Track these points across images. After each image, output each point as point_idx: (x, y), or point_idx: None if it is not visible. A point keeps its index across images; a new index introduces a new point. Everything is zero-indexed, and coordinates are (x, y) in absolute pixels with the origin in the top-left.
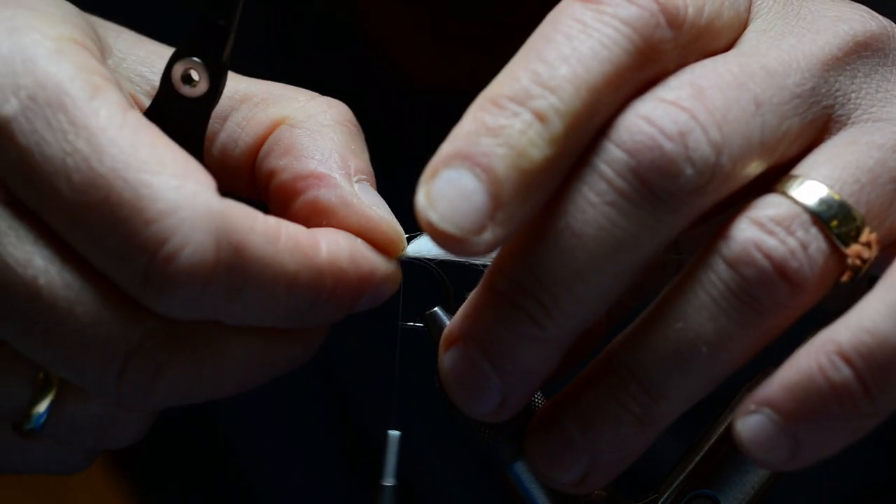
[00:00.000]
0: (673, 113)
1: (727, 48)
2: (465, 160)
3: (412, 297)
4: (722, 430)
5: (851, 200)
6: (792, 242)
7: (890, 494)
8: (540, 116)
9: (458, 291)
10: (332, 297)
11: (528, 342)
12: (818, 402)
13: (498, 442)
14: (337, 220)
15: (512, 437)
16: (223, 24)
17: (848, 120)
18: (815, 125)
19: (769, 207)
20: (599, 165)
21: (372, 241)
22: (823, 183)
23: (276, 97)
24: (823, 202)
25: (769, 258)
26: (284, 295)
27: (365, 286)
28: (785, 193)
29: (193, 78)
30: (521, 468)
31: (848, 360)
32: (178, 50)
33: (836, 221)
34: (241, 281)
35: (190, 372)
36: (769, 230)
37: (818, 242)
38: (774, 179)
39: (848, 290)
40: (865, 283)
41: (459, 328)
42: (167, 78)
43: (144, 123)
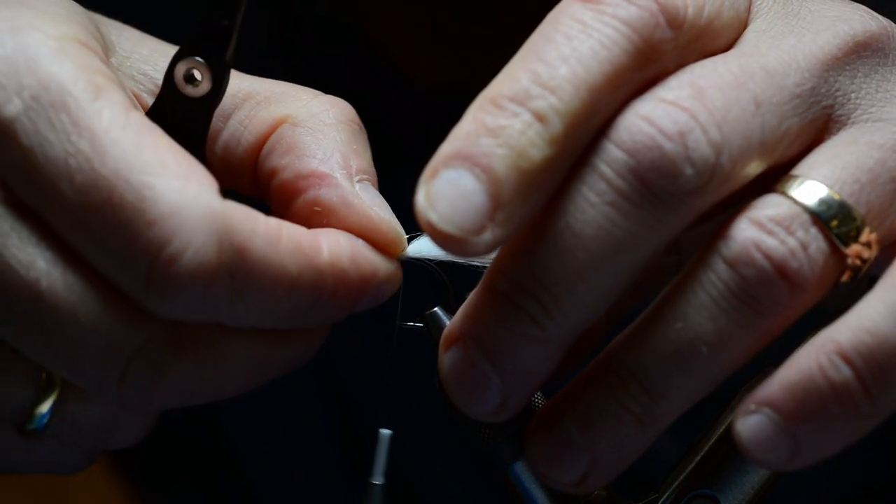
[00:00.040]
0: (673, 113)
1: (727, 48)
2: (464, 160)
3: (412, 297)
4: (722, 430)
5: (851, 200)
6: (792, 242)
7: (890, 494)
8: (540, 117)
9: (458, 291)
10: (333, 297)
11: (528, 342)
12: (818, 402)
13: (498, 442)
14: (338, 219)
15: (512, 437)
16: (226, 23)
17: (848, 120)
18: (814, 125)
19: (769, 207)
20: (599, 165)
21: (372, 241)
22: (823, 183)
23: (278, 95)
24: (823, 202)
25: (769, 258)
26: (286, 296)
27: (366, 287)
28: (785, 193)
29: (196, 78)
30: (521, 468)
31: (848, 360)
32: (180, 49)
33: (835, 221)
34: (242, 283)
35: (192, 374)
36: (769, 230)
37: (818, 242)
38: (774, 179)
39: (848, 290)
40: (865, 283)
41: (459, 328)
42: (170, 77)
43: (147, 124)
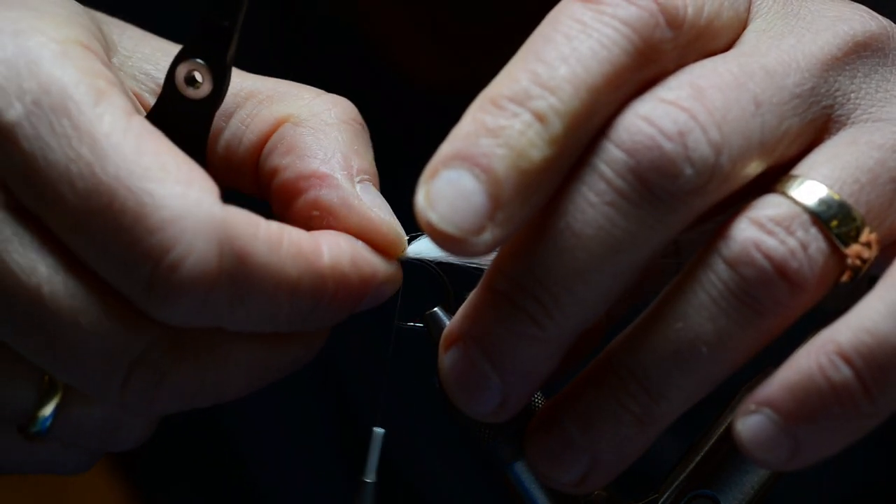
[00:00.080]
0: (672, 113)
1: (727, 48)
2: (464, 161)
3: (412, 297)
4: (722, 430)
5: (851, 200)
6: (792, 242)
7: (890, 494)
8: (539, 117)
9: (458, 291)
10: (333, 300)
11: (528, 342)
12: (818, 402)
13: (498, 442)
14: (338, 221)
15: (512, 437)
16: (227, 25)
17: (847, 120)
18: (814, 125)
19: (769, 207)
20: (599, 165)
21: (373, 242)
22: (823, 183)
23: (280, 94)
24: (823, 202)
25: (769, 258)
26: (287, 301)
27: (366, 289)
28: (785, 193)
29: (197, 79)
30: (521, 468)
31: (848, 360)
32: (181, 51)
33: (835, 221)
34: (243, 289)
35: (194, 379)
36: (769, 230)
37: (818, 242)
38: (774, 179)
39: (848, 290)
40: (865, 283)
41: (459, 328)
42: (171, 79)
43: (148, 129)
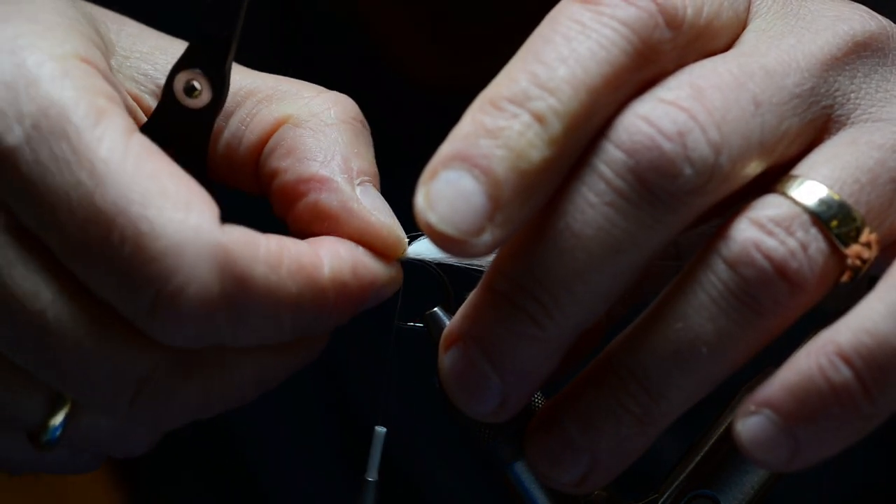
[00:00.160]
0: (672, 113)
1: (726, 48)
2: (464, 161)
3: (412, 297)
4: (722, 430)
5: (851, 201)
6: (792, 243)
7: (890, 495)
8: (539, 118)
9: (458, 292)
10: (335, 309)
11: (528, 342)
12: (818, 403)
13: (498, 442)
14: (338, 225)
15: (512, 437)
16: (225, 34)
17: (847, 120)
18: (814, 125)
19: (769, 208)
20: (598, 166)
21: (373, 246)
22: (823, 183)
23: (280, 93)
24: (823, 202)
25: (769, 259)
26: (289, 316)
27: (367, 295)
28: (785, 194)
29: (196, 88)
30: (521, 468)
31: (848, 360)
32: (179, 61)
33: (835, 222)
34: (245, 311)
35: (201, 393)
36: (769, 231)
37: (818, 243)
38: (774, 180)
39: (848, 290)
40: (865, 283)
41: (459, 328)
42: (169, 89)
43: (148, 148)
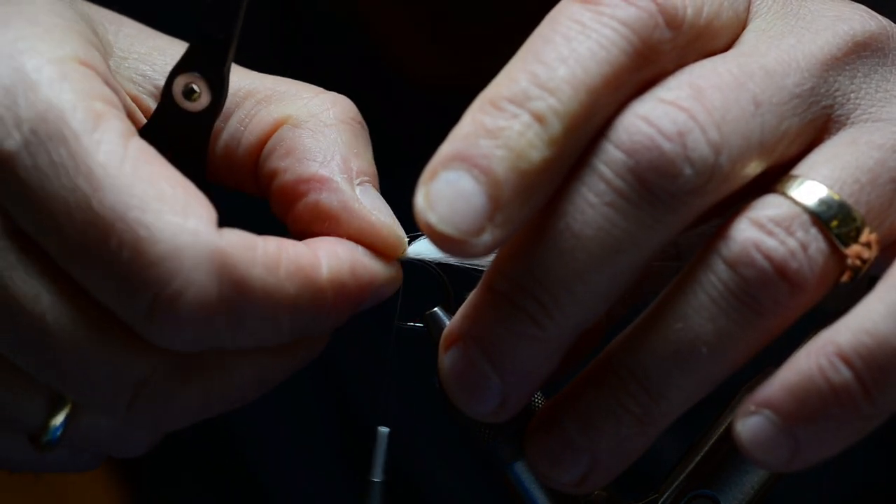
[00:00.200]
0: (672, 113)
1: (726, 48)
2: (464, 162)
3: (412, 297)
4: (722, 430)
5: (851, 201)
6: (792, 243)
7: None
8: (538, 118)
9: (458, 292)
10: (333, 309)
11: (527, 342)
12: (818, 403)
13: (498, 442)
14: (338, 224)
15: (512, 437)
16: (223, 37)
17: (847, 120)
18: (814, 125)
19: (769, 208)
20: (598, 166)
21: (373, 245)
22: (823, 183)
23: (279, 94)
24: (823, 202)
25: (769, 259)
26: (287, 317)
27: (365, 294)
28: (785, 194)
29: (195, 91)
30: (521, 468)
31: (848, 361)
32: (178, 64)
33: (835, 222)
34: (243, 314)
35: (200, 395)
36: (769, 231)
37: (818, 243)
38: (774, 180)
39: (848, 290)
40: (865, 283)
41: (459, 328)
42: (168, 93)
43: (146, 152)
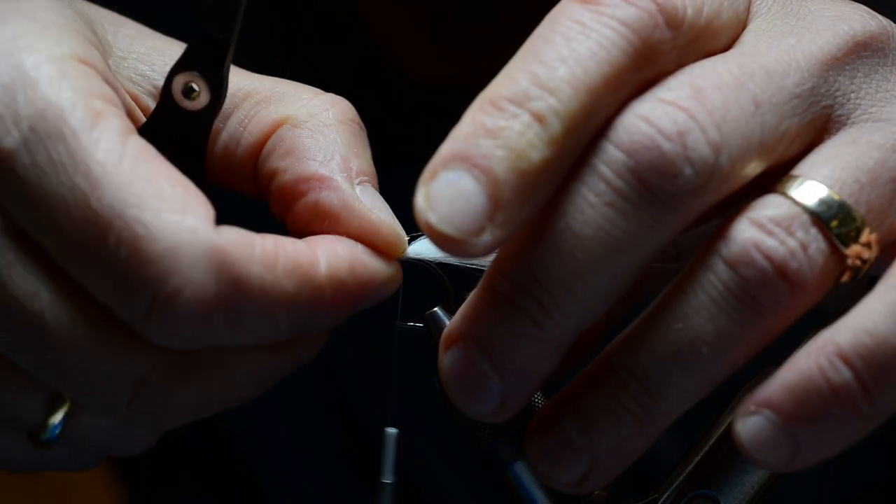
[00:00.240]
0: (672, 113)
1: (726, 48)
2: (464, 162)
3: (412, 297)
4: (722, 430)
5: (851, 201)
6: (792, 243)
7: (890, 495)
8: (538, 118)
9: (458, 292)
10: (332, 307)
11: (527, 342)
12: (818, 403)
13: (498, 442)
14: (338, 223)
15: (512, 437)
16: (223, 36)
17: (847, 120)
18: (814, 125)
19: (769, 208)
20: (598, 166)
21: (373, 244)
22: (823, 183)
23: (278, 95)
24: (823, 202)
25: (769, 259)
26: (285, 315)
27: (365, 293)
28: (785, 194)
29: (194, 89)
30: (521, 468)
31: (848, 361)
32: (177, 63)
33: (836, 222)
34: (242, 311)
35: (199, 394)
36: (769, 231)
37: (818, 243)
38: (774, 180)
39: (848, 290)
40: (865, 283)
41: (459, 328)
42: (167, 91)
43: (144, 150)
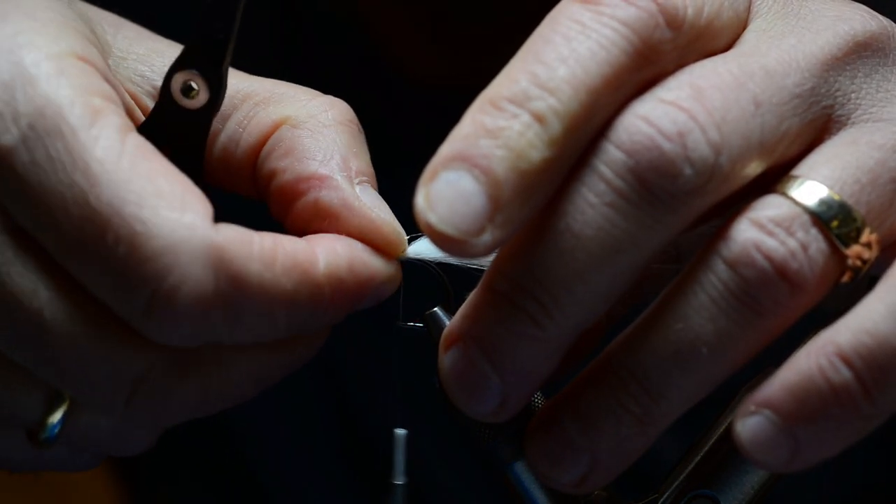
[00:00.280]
0: (672, 113)
1: (726, 48)
2: (464, 162)
3: (412, 297)
4: (722, 430)
5: (852, 201)
6: (792, 243)
7: (890, 495)
8: (539, 118)
9: (458, 292)
10: (331, 306)
11: (527, 342)
12: (818, 403)
13: (498, 442)
14: (338, 222)
15: (512, 437)
16: (222, 35)
17: (848, 120)
18: (814, 125)
19: (769, 208)
20: (598, 166)
21: (372, 243)
22: (823, 183)
23: (277, 96)
24: (823, 203)
25: (769, 259)
26: (284, 313)
27: (364, 292)
28: (785, 194)
29: (193, 88)
30: (521, 468)
31: (848, 361)
32: (176, 61)
33: (836, 222)
34: (240, 309)
35: (198, 391)
36: (769, 231)
37: (818, 243)
38: (774, 180)
39: (848, 290)
40: (865, 283)
41: (459, 328)
42: (166, 90)
43: (143, 148)
